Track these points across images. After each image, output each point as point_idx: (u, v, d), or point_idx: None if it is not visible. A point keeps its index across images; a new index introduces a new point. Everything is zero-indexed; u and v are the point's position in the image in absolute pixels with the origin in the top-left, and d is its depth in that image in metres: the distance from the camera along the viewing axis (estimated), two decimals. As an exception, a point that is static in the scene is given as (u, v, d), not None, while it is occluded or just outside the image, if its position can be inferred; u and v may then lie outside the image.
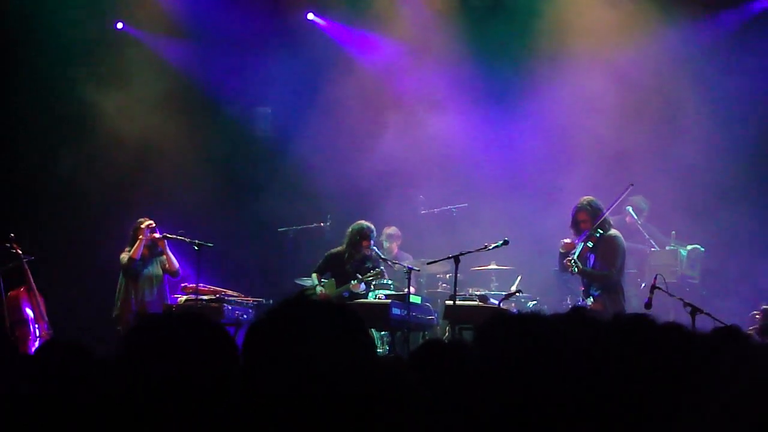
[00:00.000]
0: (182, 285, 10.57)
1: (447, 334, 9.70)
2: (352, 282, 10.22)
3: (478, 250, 9.35)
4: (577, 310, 2.15)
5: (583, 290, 9.29)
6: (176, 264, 10.45)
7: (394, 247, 11.59)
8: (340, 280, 10.46)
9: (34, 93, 12.18)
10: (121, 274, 10.41)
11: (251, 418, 1.46)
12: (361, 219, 10.68)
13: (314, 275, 10.57)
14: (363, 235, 10.39)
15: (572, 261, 9.05)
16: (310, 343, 1.94)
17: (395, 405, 1.38)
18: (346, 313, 2.11)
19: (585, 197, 9.26)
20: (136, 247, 10.28)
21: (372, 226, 10.53)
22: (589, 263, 9.21)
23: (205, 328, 2.12)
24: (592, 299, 9.15)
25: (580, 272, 9.11)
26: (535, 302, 10.56)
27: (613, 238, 9.16)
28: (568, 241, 9.26)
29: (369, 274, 10.18)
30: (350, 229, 10.53)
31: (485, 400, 1.77)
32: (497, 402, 1.76)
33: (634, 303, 9.62)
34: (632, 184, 9.56)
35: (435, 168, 12.32)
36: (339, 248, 10.63)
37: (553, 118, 12.05)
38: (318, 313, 2.08)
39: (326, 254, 10.73)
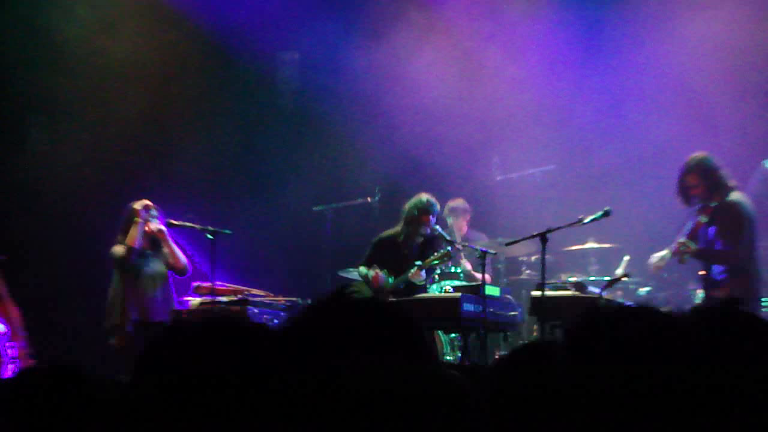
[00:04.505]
0: (194, 284, 9.96)
1: (535, 334, 9.68)
2: (411, 270, 9.83)
3: (570, 225, 8.99)
4: (725, 305, 2.05)
5: (705, 275, 8.86)
6: (183, 259, 9.79)
7: (463, 225, 11.28)
8: (394, 271, 9.99)
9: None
10: (115, 274, 9.71)
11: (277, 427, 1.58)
12: (420, 191, 10.34)
13: (361, 268, 10.20)
14: (423, 209, 10.03)
15: (682, 244, 8.68)
16: (350, 351, 1.93)
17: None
18: (395, 314, 2.08)
19: (695, 154, 8.79)
20: (133, 232, 9.66)
21: (434, 200, 10.14)
22: (707, 242, 8.72)
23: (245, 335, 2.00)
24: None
25: (693, 255, 8.72)
26: (648, 289, 10.48)
27: (734, 204, 8.63)
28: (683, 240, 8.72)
29: (432, 257, 9.81)
30: (407, 206, 10.20)
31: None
32: None
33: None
34: None
35: (514, 124, 11.92)
36: (391, 231, 10.22)
37: (661, 65, 11.74)
38: (360, 315, 2.06)
39: (373, 241, 10.28)
